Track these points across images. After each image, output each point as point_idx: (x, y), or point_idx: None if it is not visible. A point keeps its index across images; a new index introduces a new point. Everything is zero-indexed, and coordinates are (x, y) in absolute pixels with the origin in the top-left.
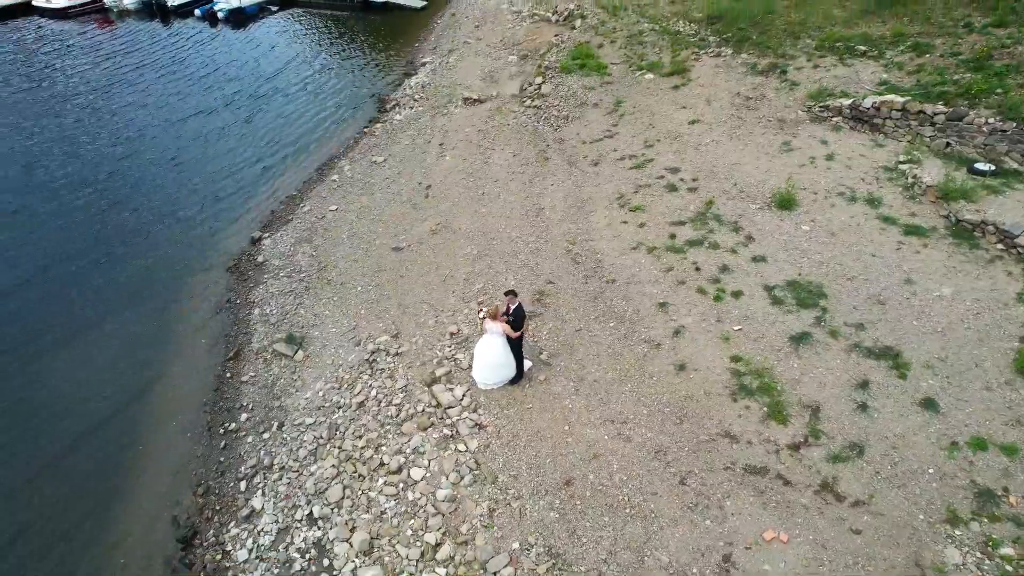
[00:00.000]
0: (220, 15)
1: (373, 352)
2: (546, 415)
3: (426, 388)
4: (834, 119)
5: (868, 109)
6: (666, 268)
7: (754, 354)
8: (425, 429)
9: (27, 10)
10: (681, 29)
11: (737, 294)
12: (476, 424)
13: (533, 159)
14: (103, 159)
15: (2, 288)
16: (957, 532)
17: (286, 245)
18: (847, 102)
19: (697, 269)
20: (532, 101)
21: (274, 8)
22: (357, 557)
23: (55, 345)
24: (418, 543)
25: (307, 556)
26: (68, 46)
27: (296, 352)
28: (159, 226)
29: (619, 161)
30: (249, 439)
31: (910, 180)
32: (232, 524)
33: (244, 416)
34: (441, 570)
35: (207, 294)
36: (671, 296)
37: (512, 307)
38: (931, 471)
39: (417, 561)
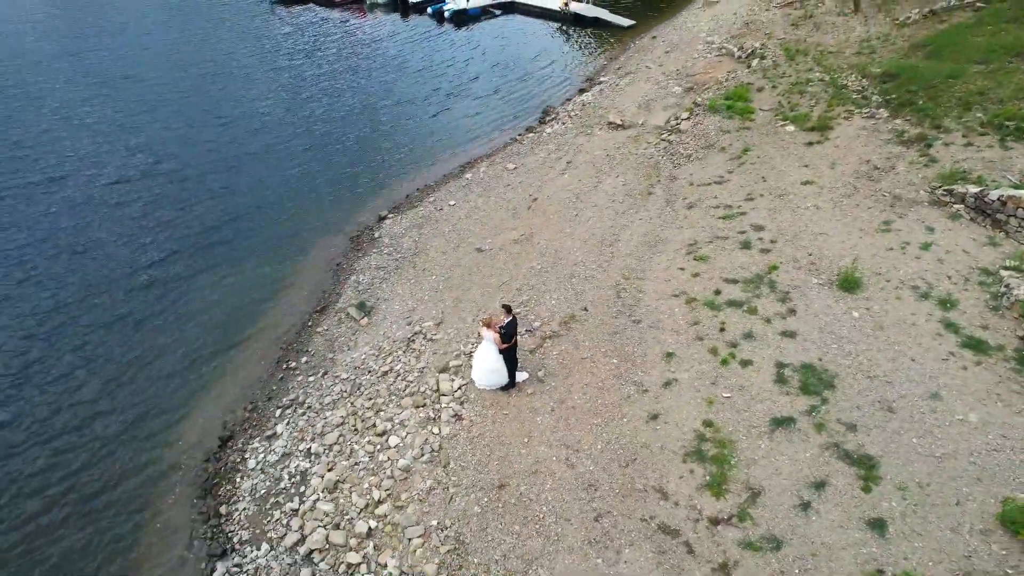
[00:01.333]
0: (446, 14)
1: (415, 334)
2: (515, 424)
3: (436, 374)
4: (955, 206)
5: (993, 202)
6: (693, 322)
7: (728, 424)
8: (418, 407)
9: None
10: (849, 83)
11: (746, 363)
12: (456, 414)
13: (638, 192)
14: (309, 132)
15: (201, 226)
16: None
17: (401, 228)
18: (975, 190)
19: (721, 329)
20: (668, 135)
21: (497, 12)
22: (322, 492)
23: (207, 275)
24: (367, 496)
25: (292, 479)
26: (328, 32)
27: (363, 318)
28: (319, 190)
29: (713, 209)
30: (299, 378)
31: (1002, 289)
32: (257, 439)
33: (304, 359)
34: (372, 522)
35: (327, 255)
36: (682, 349)
37: (506, 321)
38: None
39: (361, 510)
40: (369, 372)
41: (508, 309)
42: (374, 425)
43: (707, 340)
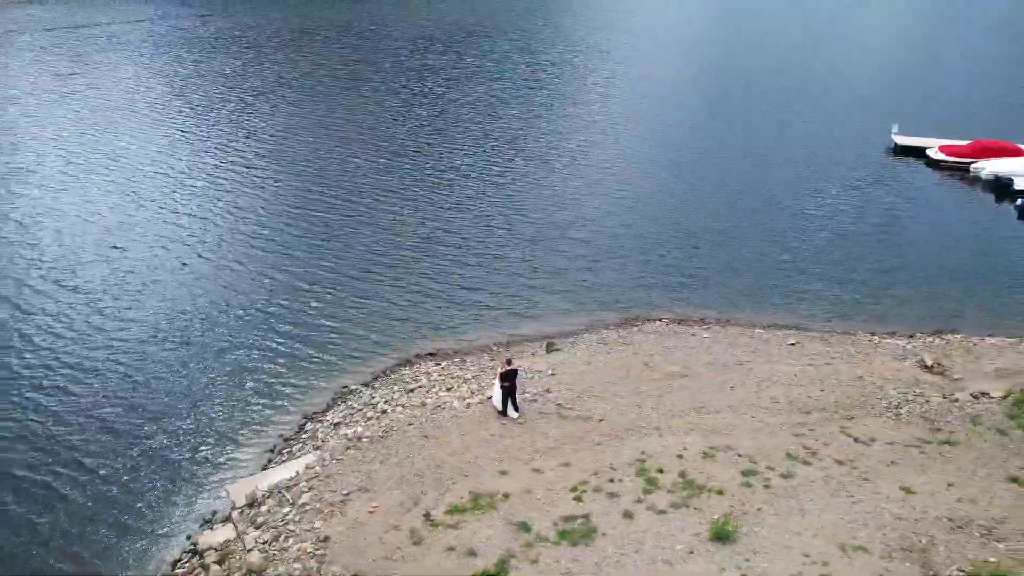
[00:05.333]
0: (1019, 202)
1: (537, 371)
2: (472, 425)
3: None
4: None
5: None
6: (612, 466)
7: (512, 503)
8: (470, 391)
9: (919, 154)
10: None
11: (578, 499)
12: (468, 404)
13: (799, 406)
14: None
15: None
16: None
17: (651, 329)
18: None
19: (611, 480)
20: (935, 395)
21: None
22: (401, 391)
23: (565, 278)
24: (402, 401)
25: (406, 384)
26: (913, 192)
27: (543, 351)
28: (670, 288)
29: (801, 446)
30: (480, 354)
31: None
32: (423, 362)
33: (500, 349)
34: (389, 408)
35: (594, 320)
36: (577, 467)
37: (506, 368)
38: None
39: (394, 403)
40: (492, 370)
41: (509, 362)
42: (452, 384)
43: (598, 475)
